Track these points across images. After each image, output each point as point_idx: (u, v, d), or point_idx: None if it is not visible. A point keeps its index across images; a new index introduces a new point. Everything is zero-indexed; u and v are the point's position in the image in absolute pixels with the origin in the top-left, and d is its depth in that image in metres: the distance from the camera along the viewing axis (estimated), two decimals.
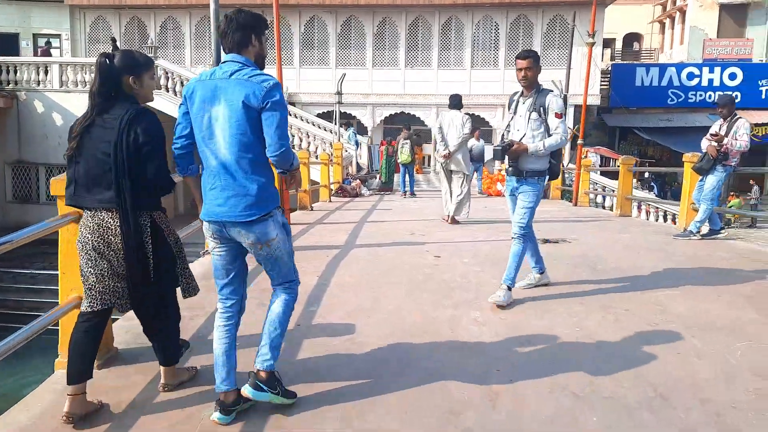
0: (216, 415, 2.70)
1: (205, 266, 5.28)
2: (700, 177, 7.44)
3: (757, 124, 25.85)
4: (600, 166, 22.97)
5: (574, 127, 19.55)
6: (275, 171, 2.83)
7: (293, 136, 18.13)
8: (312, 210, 10.55)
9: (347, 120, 24.88)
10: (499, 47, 23.84)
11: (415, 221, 9.00)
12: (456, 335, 3.82)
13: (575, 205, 12.81)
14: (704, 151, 7.27)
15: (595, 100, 23.69)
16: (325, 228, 8.09)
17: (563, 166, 15.50)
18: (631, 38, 40.11)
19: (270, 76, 2.69)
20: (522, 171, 4.39)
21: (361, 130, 25.02)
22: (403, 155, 14.75)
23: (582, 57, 23.11)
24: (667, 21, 35.11)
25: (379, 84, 24.25)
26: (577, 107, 23.64)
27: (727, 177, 7.26)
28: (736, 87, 26.23)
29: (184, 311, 3.35)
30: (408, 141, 14.85)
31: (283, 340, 2.86)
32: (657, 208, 13.95)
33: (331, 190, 14.52)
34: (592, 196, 13.97)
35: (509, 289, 4.42)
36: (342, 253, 6.08)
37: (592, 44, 12.23)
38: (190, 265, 3.23)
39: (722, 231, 7.63)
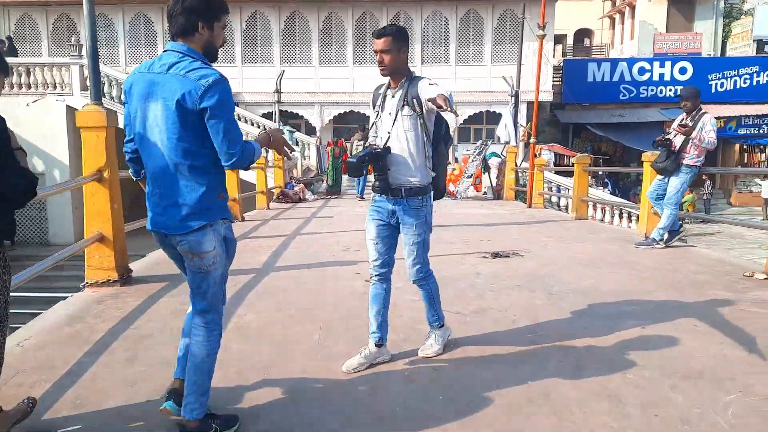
0: None
1: (74, 306, 4.27)
2: (660, 177, 6.75)
3: None
4: (555, 163, 22.55)
5: (527, 125, 18.93)
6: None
7: None
8: (243, 220, 9.55)
9: (292, 120, 23.82)
10: (449, 43, 23.14)
11: (354, 232, 8.10)
12: (375, 400, 2.93)
13: (529, 206, 12.15)
14: (671, 140, 6.54)
15: (547, 96, 23.22)
16: (248, 244, 7.11)
17: (517, 164, 14.86)
18: (582, 34, 40.12)
19: (212, 70, 2.35)
20: (397, 189, 3.20)
21: (309, 130, 24.02)
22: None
23: (533, 53, 22.59)
24: (617, 16, 35.12)
25: (327, 82, 23.26)
26: (529, 104, 23.14)
27: (692, 178, 6.58)
28: (687, 81, 26.14)
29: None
30: (362, 142, 14.33)
31: (211, 380, 2.56)
32: (613, 206, 13.42)
33: (272, 195, 13.52)
34: (547, 196, 13.33)
35: (441, 327, 3.50)
36: (255, 280, 5.12)
37: (543, 37, 11.55)
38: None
39: (681, 230, 6.95)
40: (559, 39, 33.64)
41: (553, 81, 25.08)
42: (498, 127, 15.99)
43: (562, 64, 27.54)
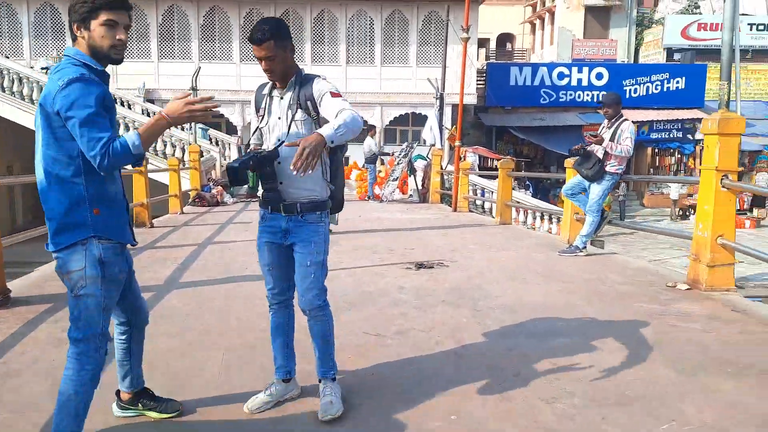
0: None
1: None
2: (580, 177, 6.70)
3: None
4: (479, 166, 22.74)
5: (452, 127, 18.92)
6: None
7: None
8: (152, 227, 8.89)
9: (211, 119, 22.92)
10: (374, 43, 22.89)
11: None
12: None
13: (455, 210, 12.03)
14: (592, 152, 6.47)
15: (471, 99, 23.39)
16: (153, 255, 6.54)
17: (442, 167, 14.76)
18: (504, 39, 41.00)
19: (71, 69, 2.18)
20: (292, 204, 2.76)
21: (231, 129, 23.18)
22: None
23: (458, 55, 22.64)
24: (538, 22, 36.02)
25: (249, 80, 22.46)
26: (454, 106, 23.24)
27: (613, 185, 6.54)
28: (603, 87, 27.03)
29: None
30: None
31: (80, 425, 2.26)
32: (536, 209, 13.50)
33: (188, 198, 12.82)
34: (472, 200, 13.25)
35: (334, 380, 2.92)
36: (155, 299, 4.60)
37: (467, 40, 11.46)
38: None
39: (605, 215, 6.93)
40: (482, 43, 34.14)
41: (477, 84, 25.32)
42: (423, 129, 15.85)
43: (485, 68, 27.90)
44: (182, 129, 19.20)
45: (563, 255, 6.57)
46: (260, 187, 2.80)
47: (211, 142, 20.21)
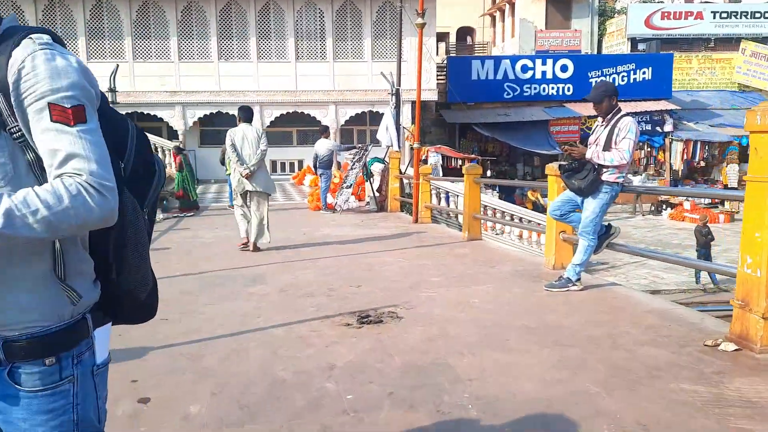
0: None
1: None
2: (570, 192, 5.21)
3: (589, 117, 25.79)
4: (442, 165, 21.32)
5: (410, 127, 17.36)
6: None
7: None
8: None
9: (148, 123, 20.97)
10: (326, 37, 21.23)
11: (188, 278, 5.98)
12: None
13: (416, 221, 10.50)
14: (586, 161, 4.96)
15: (432, 95, 21.95)
16: None
17: (401, 171, 13.21)
18: (465, 32, 39.72)
19: None
20: None
21: (171, 134, 21.27)
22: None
23: (415, 48, 21.20)
24: (498, 14, 34.83)
25: (189, 80, 20.64)
26: (413, 104, 21.81)
27: (614, 198, 5.07)
28: (568, 79, 25.99)
29: None
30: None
31: None
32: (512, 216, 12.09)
33: None
34: (436, 211, 11.72)
35: None
36: None
37: (422, 26, 9.93)
38: None
39: (612, 233, 5.31)
40: (441, 37, 32.80)
41: (438, 80, 23.90)
42: (379, 129, 14.28)
43: (446, 63, 26.51)
44: None
45: (552, 291, 5.08)
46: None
47: None
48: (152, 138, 18.44)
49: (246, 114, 7.72)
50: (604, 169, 4.89)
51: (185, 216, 12.77)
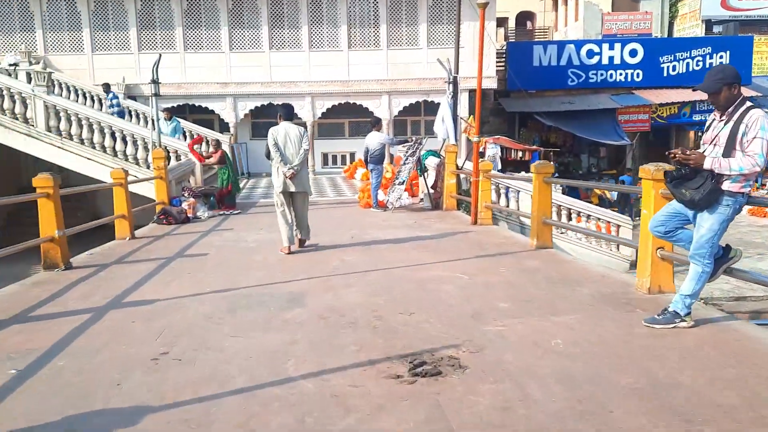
0: None
1: None
2: (677, 204, 4.16)
3: (660, 105, 24.04)
4: (501, 158, 20.15)
5: (469, 117, 16.26)
6: None
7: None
8: (62, 270, 6.52)
9: (199, 115, 20.59)
10: (379, 24, 20.30)
11: (220, 296, 5.23)
12: None
13: (474, 222, 9.53)
14: (701, 168, 3.88)
15: (491, 82, 20.74)
16: (22, 331, 4.20)
17: (458, 166, 12.23)
18: (524, 17, 38.09)
19: None
20: None
21: (223, 126, 20.84)
22: None
23: (474, 34, 20.04)
24: None
25: (240, 70, 20.09)
26: (471, 92, 20.69)
27: (736, 213, 3.99)
28: (638, 64, 24.29)
29: None
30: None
31: None
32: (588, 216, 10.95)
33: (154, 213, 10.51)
34: (496, 210, 10.68)
35: None
36: None
37: (485, 5, 8.89)
38: None
39: (732, 257, 4.18)
40: (500, 22, 31.44)
41: (497, 66, 22.64)
42: (435, 120, 13.30)
43: (505, 48, 25.18)
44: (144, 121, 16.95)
45: (656, 328, 4.06)
46: None
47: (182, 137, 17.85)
48: (200, 130, 18.04)
49: (287, 112, 7.76)
50: (725, 176, 3.82)
51: (231, 214, 12.14)
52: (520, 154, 21.04)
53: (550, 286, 5.32)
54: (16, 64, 18.38)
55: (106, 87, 16.89)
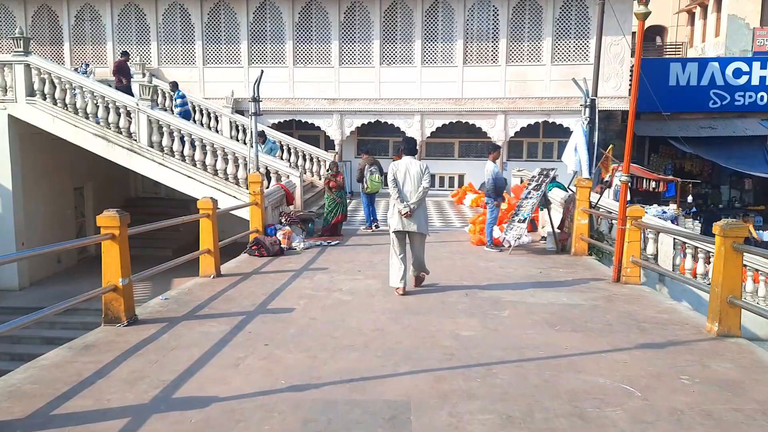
0: None
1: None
2: None
3: None
4: (631, 187, 17.90)
5: (608, 147, 14.19)
6: None
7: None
8: (125, 325, 5.49)
9: (306, 131, 19.88)
10: (498, 38, 18.72)
11: (290, 400, 3.93)
12: None
13: (617, 280, 7.75)
14: None
15: (622, 103, 18.58)
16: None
17: (591, 204, 10.41)
18: (653, 32, 34.98)
19: None
20: None
21: (328, 144, 20.03)
22: (374, 183, 12.32)
23: (609, 49, 18.01)
24: (698, 10, 29.92)
25: (348, 86, 19.20)
26: (609, 115, 18.75)
27: None
28: None
29: None
30: (373, 167, 12.43)
31: None
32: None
33: (238, 250, 9.56)
34: (652, 264, 8.74)
35: None
36: None
37: (646, 15, 7.16)
38: None
39: None
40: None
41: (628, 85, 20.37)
42: (565, 150, 11.53)
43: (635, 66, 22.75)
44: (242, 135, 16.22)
45: None
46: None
47: (291, 159, 17.06)
48: (304, 146, 17.26)
49: (410, 146, 7.26)
50: None
51: (328, 245, 11.00)
52: (653, 184, 18.66)
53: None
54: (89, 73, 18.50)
55: (173, 85, 16.39)
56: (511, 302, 6.64)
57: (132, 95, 14.23)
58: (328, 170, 12.92)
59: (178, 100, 15.73)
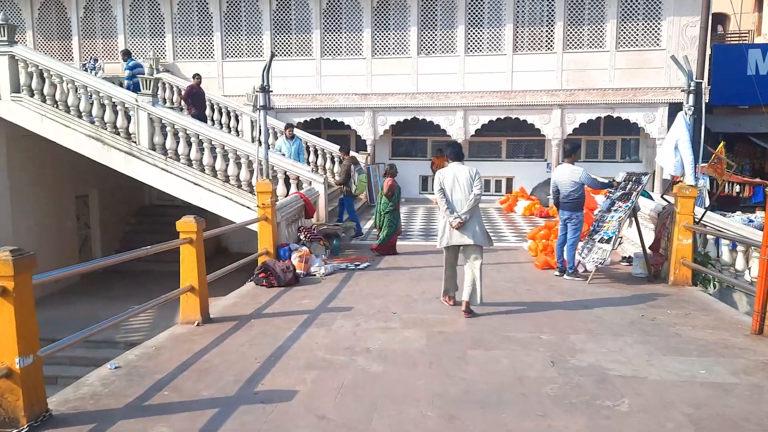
0: None
1: None
2: None
3: None
4: (709, 191, 15.32)
5: (719, 145, 11.56)
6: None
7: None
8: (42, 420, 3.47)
9: (334, 131, 17.84)
10: (554, 21, 16.33)
11: None
12: None
13: (758, 331, 5.45)
14: None
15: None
16: None
17: (696, 219, 8.04)
18: (715, 20, 31.98)
19: None
20: None
21: (360, 144, 17.94)
22: (362, 183, 12.15)
23: (679, 33, 15.49)
24: None
25: (382, 79, 17.05)
26: (678, 107, 16.19)
27: None
28: None
29: None
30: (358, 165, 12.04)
31: None
32: None
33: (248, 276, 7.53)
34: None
35: None
36: None
37: None
38: None
39: None
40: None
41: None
42: (661, 148, 9.17)
43: (708, 54, 20.05)
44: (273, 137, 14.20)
45: None
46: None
47: (318, 162, 15.05)
48: (326, 145, 15.18)
49: (455, 151, 6.57)
50: None
51: (356, 268, 8.87)
52: (737, 188, 16.04)
53: None
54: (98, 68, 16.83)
55: (125, 54, 14.46)
56: (624, 380, 4.39)
57: (205, 122, 12.32)
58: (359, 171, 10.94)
59: (127, 72, 13.74)
